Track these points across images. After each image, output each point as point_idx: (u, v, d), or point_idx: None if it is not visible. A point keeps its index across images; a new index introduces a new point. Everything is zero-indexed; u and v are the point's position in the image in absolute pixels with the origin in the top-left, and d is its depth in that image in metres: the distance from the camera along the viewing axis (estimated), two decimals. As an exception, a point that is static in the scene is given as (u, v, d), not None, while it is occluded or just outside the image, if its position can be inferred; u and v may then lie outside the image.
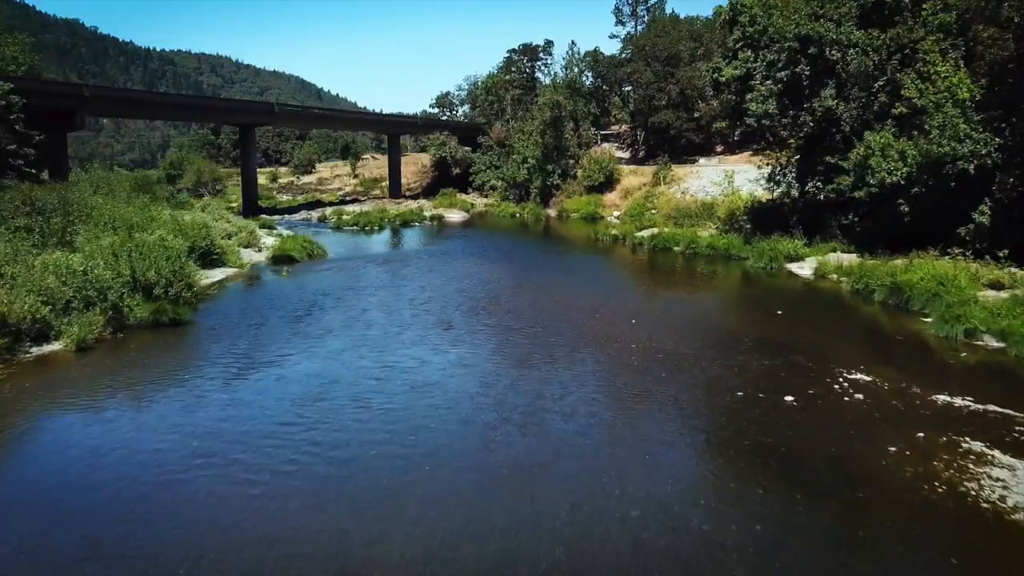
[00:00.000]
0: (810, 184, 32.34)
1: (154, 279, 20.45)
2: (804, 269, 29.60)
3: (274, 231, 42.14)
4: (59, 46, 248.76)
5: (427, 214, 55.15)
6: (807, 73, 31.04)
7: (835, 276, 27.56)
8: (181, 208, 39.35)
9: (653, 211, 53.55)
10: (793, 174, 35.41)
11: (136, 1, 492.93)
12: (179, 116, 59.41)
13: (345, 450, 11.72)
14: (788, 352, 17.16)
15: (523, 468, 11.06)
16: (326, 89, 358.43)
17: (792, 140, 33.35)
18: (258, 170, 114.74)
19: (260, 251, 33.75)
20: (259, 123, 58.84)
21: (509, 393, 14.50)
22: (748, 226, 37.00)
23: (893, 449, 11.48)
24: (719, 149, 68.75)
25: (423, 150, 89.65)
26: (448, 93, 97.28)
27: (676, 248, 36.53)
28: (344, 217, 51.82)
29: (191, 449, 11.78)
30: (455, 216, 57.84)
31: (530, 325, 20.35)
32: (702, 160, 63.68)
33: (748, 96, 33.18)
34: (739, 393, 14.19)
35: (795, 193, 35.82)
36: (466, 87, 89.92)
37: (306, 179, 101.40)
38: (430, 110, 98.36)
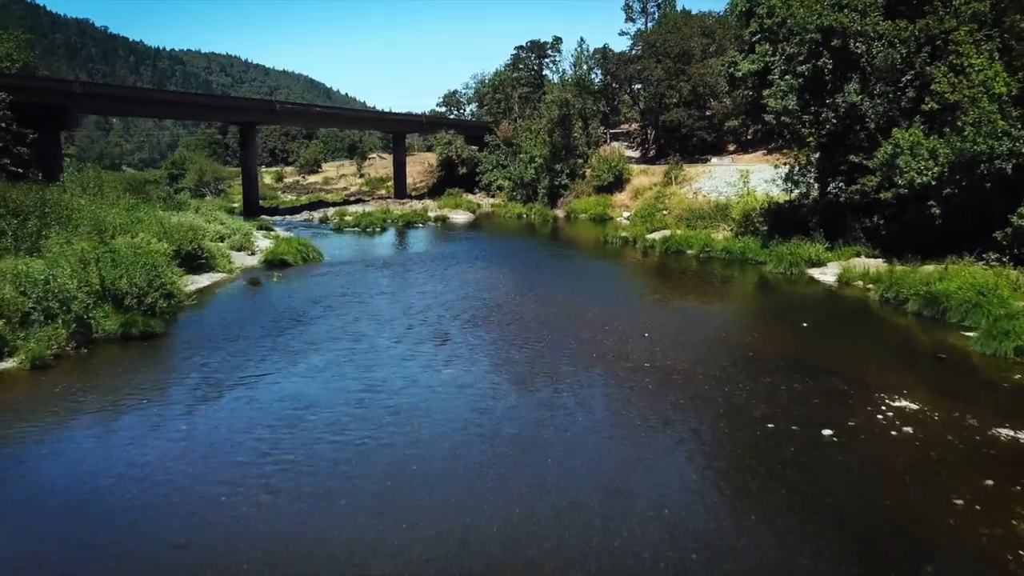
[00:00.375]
0: (832, 185, 30.37)
1: (125, 288, 18.74)
2: (827, 275, 27.67)
3: (272, 233, 40.49)
4: (69, 46, 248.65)
5: (431, 215, 53.40)
6: (830, 67, 29.05)
7: (861, 283, 25.62)
8: (177, 209, 37.78)
9: (664, 212, 51.73)
10: (813, 174, 33.47)
11: (146, 1, 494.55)
12: (177, 114, 57.91)
13: (308, 502, 9.88)
14: (820, 373, 15.28)
15: (514, 528, 9.23)
16: (335, 88, 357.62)
17: (811, 138, 31.42)
18: (264, 169, 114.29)
19: (253, 254, 32.06)
20: (260, 121, 57.18)
21: (505, 422, 12.70)
22: (764, 228, 35.10)
23: (960, 502, 9.58)
24: (731, 148, 66.74)
25: (429, 149, 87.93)
26: (455, 92, 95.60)
27: (689, 251, 34.63)
28: (346, 218, 50.12)
29: (126, 498, 10.00)
30: (460, 217, 56.06)
31: (533, 339, 18.53)
32: (714, 159, 61.71)
33: (766, 92, 31.25)
34: (769, 425, 12.32)
35: (815, 194, 33.92)
36: (473, 85, 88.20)
37: (312, 179, 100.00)
38: (437, 109, 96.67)
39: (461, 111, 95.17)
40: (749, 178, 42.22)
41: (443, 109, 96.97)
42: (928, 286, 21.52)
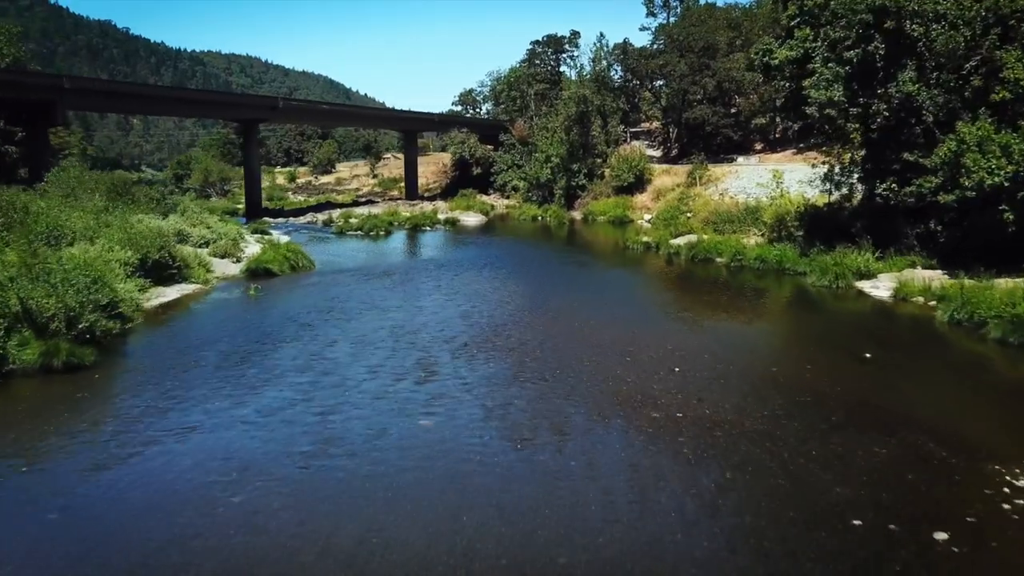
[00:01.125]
0: (882, 186, 26.67)
1: (51, 310, 15.57)
2: (879, 289, 24.04)
3: (266, 237, 37.44)
4: (91, 47, 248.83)
5: (441, 217, 50.10)
6: (882, 52, 25.38)
7: (922, 299, 22.00)
8: (165, 212, 34.85)
9: (688, 215, 48.17)
10: (857, 174, 29.87)
11: (168, 2, 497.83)
12: (174, 111, 55.09)
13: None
14: (903, 428, 11.75)
15: None
16: (355, 89, 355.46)
17: (855, 134, 27.83)
18: (278, 170, 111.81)
19: (239, 262, 28.92)
20: (262, 119, 54.20)
21: (490, 510, 9.32)
22: (799, 234, 31.51)
23: None
24: (758, 147, 62.96)
25: (444, 149, 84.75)
26: (472, 90, 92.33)
27: (719, 259, 31.05)
28: (351, 220, 46.94)
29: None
30: (471, 219, 52.75)
31: (539, 373, 15.13)
32: (740, 159, 58.00)
33: (806, 82, 27.64)
34: (854, 521, 8.80)
35: (859, 196, 30.31)
36: (489, 83, 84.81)
37: (324, 179, 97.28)
38: (454, 108, 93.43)
39: (477, 110, 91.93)
40: (783, 178, 38.46)
41: (459, 108, 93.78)
42: (1012, 307, 17.89)
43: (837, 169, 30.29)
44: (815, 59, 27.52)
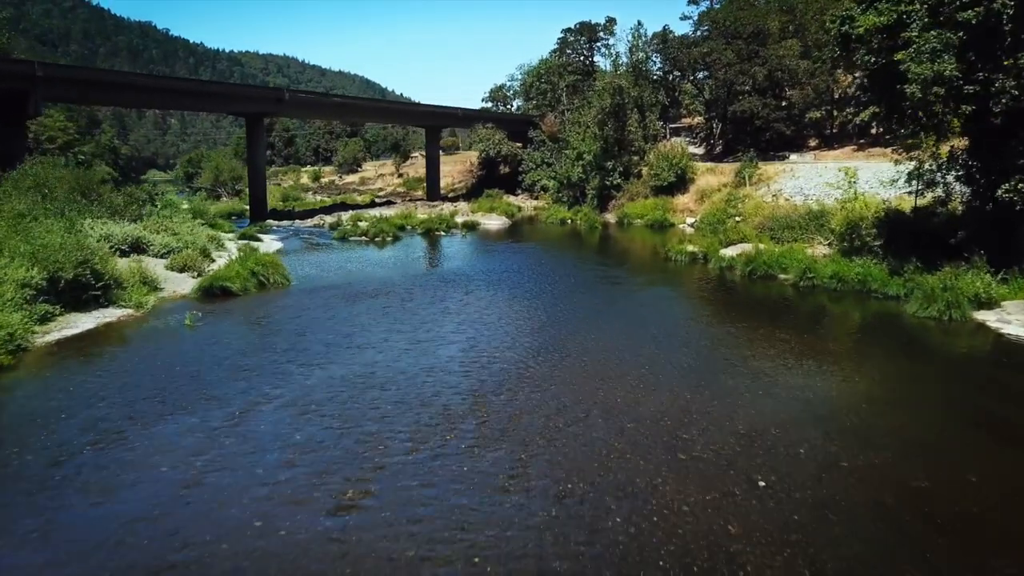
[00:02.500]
0: (1004, 187, 20.41)
1: None
2: (1008, 323, 17.89)
3: (254, 244, 32.36)
4: (131, 47, 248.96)
5: (459, 220, 44.52)
6: (1009, 13, 19.22)
7: (1080, 342, 15.90)
8: (137, 216, 29.95)
9: (737, 218, 42.08)
10: (956, 171, 23.71)
11: (207, 4, 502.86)
12: (168, 104, 49.84)
13: None
14: None
15: None
16: (390, 88, 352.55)
17: (955, 122, 21.75)
18: (304, 169, 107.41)
19: (200, 275, 23.71)
20: (267, 112, 49.11)
21: None
22: (876, 244, 25.50)
23: None
24: (812, 143, 56.35)
25: (472, 147, 79.33)
26: (503, 86, 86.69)
27: (782, 276, 25.02)
28: (360, 223, 41.76)
29: None
30: (493, 223, 47.17)
31: (542, 489, 9.46)
32: (793, 156, 51.56)
33: (898, 55, 21.49)
34: None
35: (961, 198, 24.17)
36: (520, 77, 79.10)
37: (348, 178, 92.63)
38: (486, 105, 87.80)
39: (508, 107, 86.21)
40: (856, 177, 32.12)
41: (490, 105, 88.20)
42: None
43: (929, 165, 24.10)
44: (912, 25, 21.38)
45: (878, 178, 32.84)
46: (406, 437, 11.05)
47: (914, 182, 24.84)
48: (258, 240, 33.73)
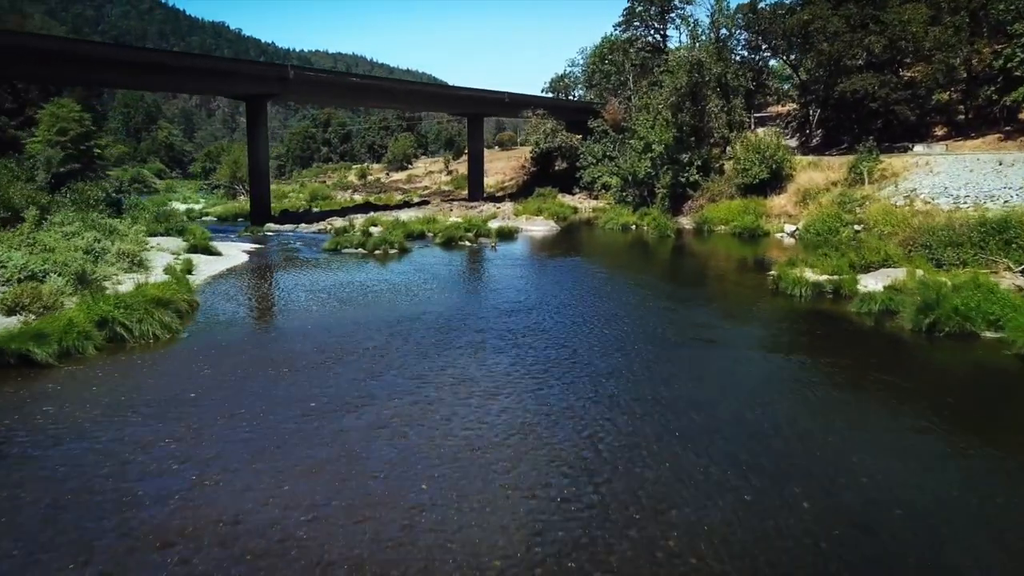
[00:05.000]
0: None
1: None
2: None
3: (211, 257, 23.70)
4: (204, 48, 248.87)
5: (493, 226, 34.81)
6: None
7: None
8: (55, 226, 21.70)
9: (857, 227, 31.58)
10: None
11: (278, 3, 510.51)
12: (144, 84, 41.41)
13: None
14: None
15: None
16: (456, 85, 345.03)
17: None
18: (355, 166, 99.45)
19: (47, 310, 14.74)
20: (269, 94, 40.36)
21: None
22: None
23: None
24: (938, 132, 44.62)
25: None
26: (564, 75, 76.42)
27: (990, 335, 14.56)
28: (372, 229, 32.92)
29: None
30: (538, 228, 37.44)
31: None
32: (918, 147, 40.13)
33: None
34: None
35: None
36: (581, 62, 68.91)
37: (395, 176, 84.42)
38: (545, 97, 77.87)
39: (571, 98, 76.11)
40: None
41: (550, 96, 78.32)
42: None
43: None
44: None
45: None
46: None
47: None
48: (210, 254, 25.05)
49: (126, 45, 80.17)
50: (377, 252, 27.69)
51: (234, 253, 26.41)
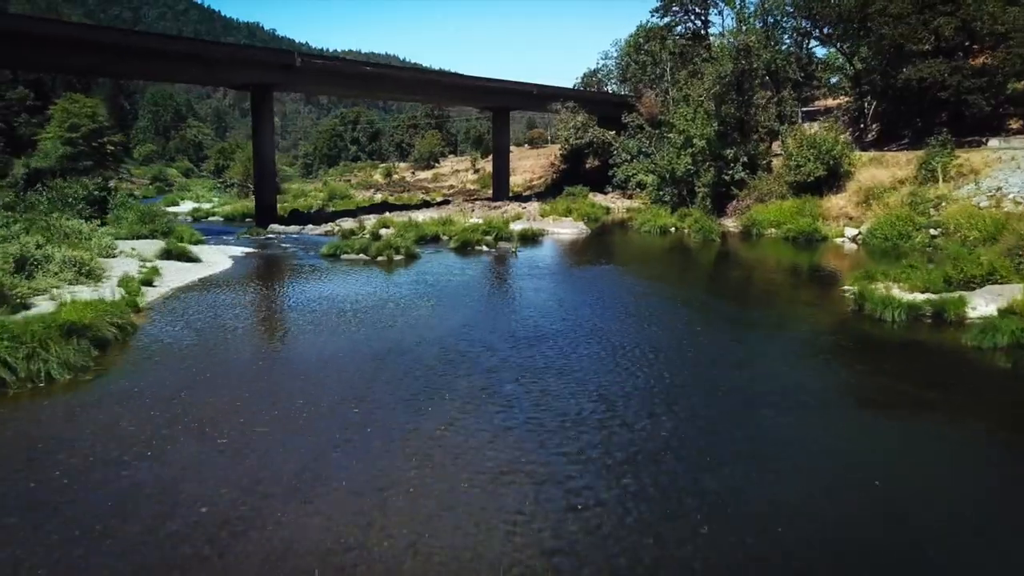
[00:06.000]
0: None
1: None
2: None
3: (187, 265, 20.41)
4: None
5: (516, 229, 31.00)
6: None
7: None
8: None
9: (933, 232, 27.29)
10: None
11: (312, 4, 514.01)
12: (134, 72, 38.02)
13: None
14: None
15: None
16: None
17: None
18: (380, 165, 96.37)
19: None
20: (273, 84, 36.92)
21: None
22: None
23: None
24: (1013, 125, 39.84)
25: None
26: (597, 68, 72.20)
27: None
28: (383, 230, 29.51)
29: None
30: (566, 231, 33.65)
31: None
32: (993, 141, 35.58)
33: None
34: None
35: None
36: (615, 54, 64.78)
37: (421, 175, 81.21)
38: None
39: (605, 91, 71.98)
40: None
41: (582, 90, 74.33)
42: None
43: None
44: None
45: None
46: None
47: None
48: (187, 260, 21.74)
49: (111, 27, 74.88)
50: (380, 259, 24.11)
51: (217, 259, 23.05)
